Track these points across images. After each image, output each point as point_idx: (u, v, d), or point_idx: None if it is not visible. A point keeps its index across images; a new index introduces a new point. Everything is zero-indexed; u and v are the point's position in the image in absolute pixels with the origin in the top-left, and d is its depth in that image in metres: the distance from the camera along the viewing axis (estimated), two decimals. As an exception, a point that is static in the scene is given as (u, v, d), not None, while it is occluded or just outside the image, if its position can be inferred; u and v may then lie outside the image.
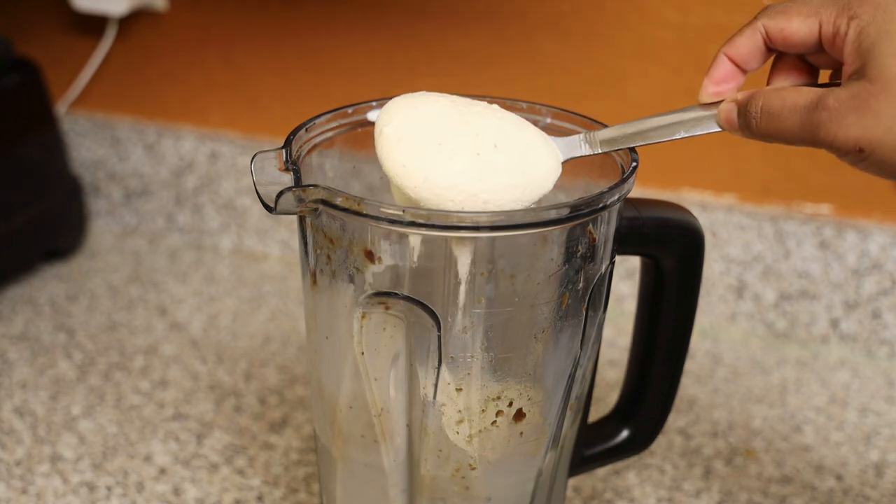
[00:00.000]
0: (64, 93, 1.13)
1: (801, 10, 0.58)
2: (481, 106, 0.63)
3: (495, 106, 0.64)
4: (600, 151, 0.63)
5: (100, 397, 0.89)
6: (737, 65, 0.60)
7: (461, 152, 0.59)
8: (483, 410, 0.62)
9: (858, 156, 0.55)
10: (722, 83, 0.61)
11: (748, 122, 0.58)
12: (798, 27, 0.58)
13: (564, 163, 0.63)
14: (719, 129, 0.60)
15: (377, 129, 0.61)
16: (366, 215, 0.58)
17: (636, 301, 0.70)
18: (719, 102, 0.60)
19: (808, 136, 0.56)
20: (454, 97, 0.63)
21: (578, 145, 0.63)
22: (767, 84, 0.61)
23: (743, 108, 0.58)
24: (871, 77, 0.54)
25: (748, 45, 0.60)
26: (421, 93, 0.64)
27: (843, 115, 0.54)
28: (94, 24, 1.11)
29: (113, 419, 0.86)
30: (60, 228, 1.08)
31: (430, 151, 0.59)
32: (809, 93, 0.56)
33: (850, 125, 0.54)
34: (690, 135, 0.61)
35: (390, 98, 0.66)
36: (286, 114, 1.05)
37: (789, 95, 0.57)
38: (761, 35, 0.59)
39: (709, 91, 0.61)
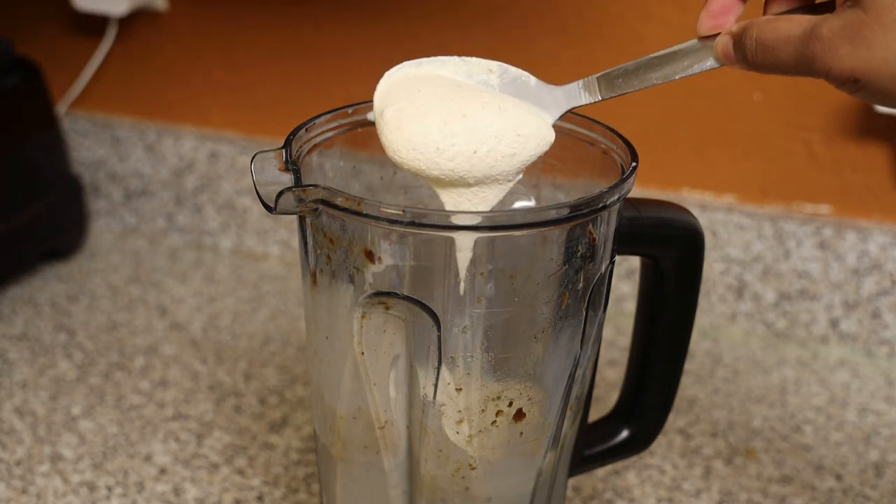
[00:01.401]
0: (64, 93, 1.13)
1: None
2: (482, 89, 0.63)
3: (494, 78, 0.64)
4: (601, 98, 0.63)
5: (100, 397, 0.89)
6: None
7: (457, 157, 0.59)
8: (483, 410, 0.62)
9: (854, 86, 0.54)
10: (719, 16, 0.59)
11: (745, 55, 0.57)
12: None
13: (566, 114, 0.63)
14: (718, 65, 0.59)
15: (377, 107, 0.61)
16: (366, 215, 0.58)
17: (636, 301, 0.70)
18: (717, 36, 0.59)
19: (804, 67, 0.55)
20: (459, 67, 0.64)
21: (578, 94, 0.63)
22: (763, 12, 0.60)
23: (738, 41, 0.57)
24: (864, 5, 0.53)
25: None
26: (425, 66, 0.64)
27: (837, 46, 0.53)
28: (94, 24, 1.11)
29: (113, 419, 0.86)
30: (60, 228, 1.08)
31: (429, 151, 0.59)
32: (803, 22, 0.55)
33: (844, 56, 0.53)
34: (690, 73, 0.60)
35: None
36: (286, 114, 1.05)
37: (782, 26, 0.56)
38: None
39: (706, 25, 0.60)
